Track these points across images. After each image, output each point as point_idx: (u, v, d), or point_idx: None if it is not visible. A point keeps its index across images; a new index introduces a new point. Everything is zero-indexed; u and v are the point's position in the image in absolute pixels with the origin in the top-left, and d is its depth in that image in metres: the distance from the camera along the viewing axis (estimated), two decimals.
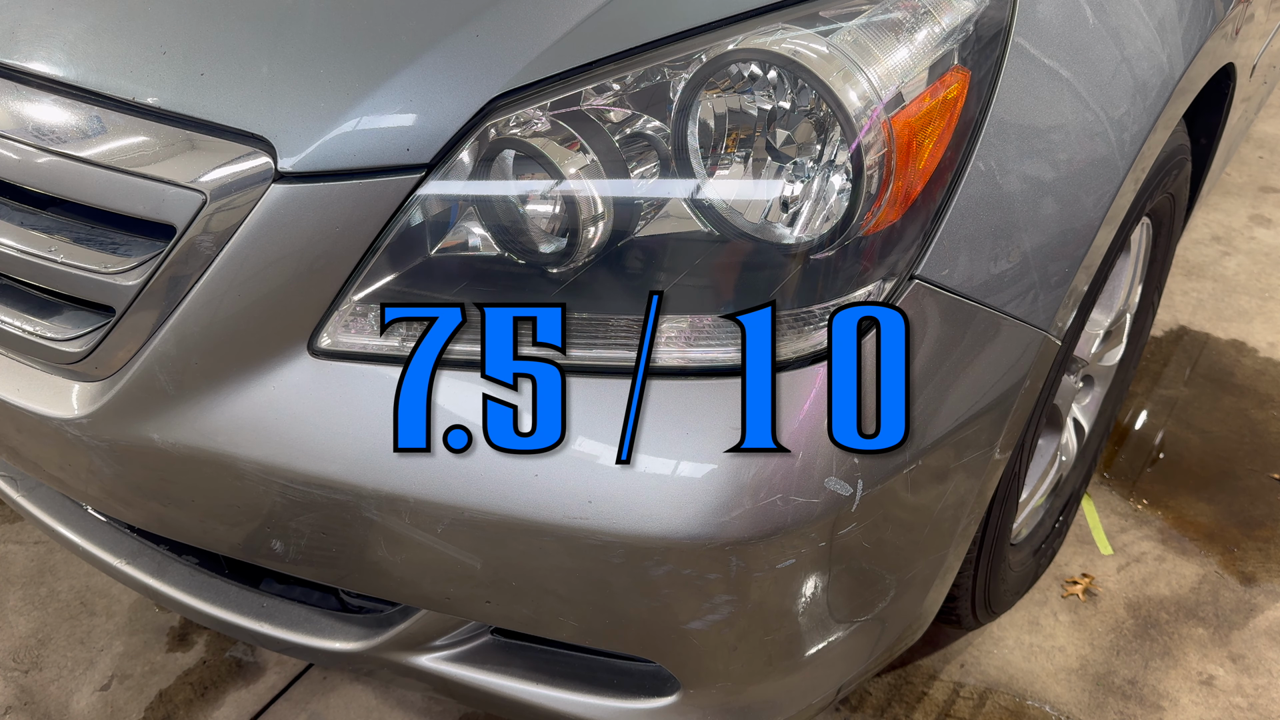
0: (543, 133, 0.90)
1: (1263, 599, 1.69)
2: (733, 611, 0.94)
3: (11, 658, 1.59)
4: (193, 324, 0.94)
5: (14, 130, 0.99)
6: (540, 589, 0.96)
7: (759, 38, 0.89)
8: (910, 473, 0.96)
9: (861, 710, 1.51)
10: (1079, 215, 1.05)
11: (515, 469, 0.89)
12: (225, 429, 0.95)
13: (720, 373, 0.89)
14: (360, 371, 0.93)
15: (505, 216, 0.92)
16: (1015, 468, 1.26)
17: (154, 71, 0.94)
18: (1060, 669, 1.58)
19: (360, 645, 1.13)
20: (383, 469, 0.91)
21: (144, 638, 1.62)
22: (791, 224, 0.90)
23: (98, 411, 1.01)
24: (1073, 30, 1.04)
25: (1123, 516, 1.85)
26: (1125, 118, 1.10)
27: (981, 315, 0.98)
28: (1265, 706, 1.52)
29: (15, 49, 1.00)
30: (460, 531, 0.92)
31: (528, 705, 1.10)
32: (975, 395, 1.00)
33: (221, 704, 1.52)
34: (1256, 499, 1.89)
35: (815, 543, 0.93)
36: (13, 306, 1.07)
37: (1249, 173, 3.10)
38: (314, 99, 0.90)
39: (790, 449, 0.87)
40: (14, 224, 1.03)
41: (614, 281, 0.92)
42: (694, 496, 0.87)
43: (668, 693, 1.05)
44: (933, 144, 0.92)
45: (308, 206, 0.89)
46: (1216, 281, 2.56)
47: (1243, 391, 2.17)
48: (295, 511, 0.97)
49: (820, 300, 0.90)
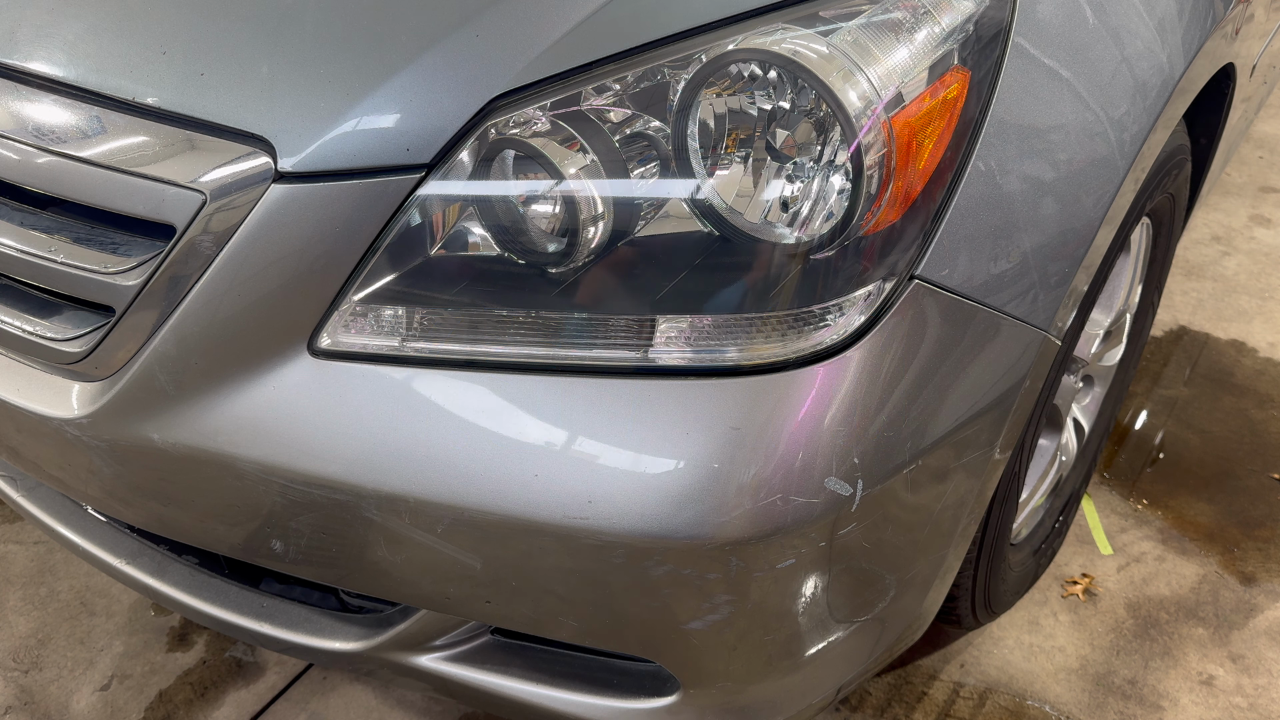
0: (543, 133, 0.90)
1: (1263, 599, 1.69)
2: (732, 611, 0.94)
3: (11, 658, 1.59)
4: (193, 324, 0.94)
5: (14, 130, 0.99)
6: (540, 589, 0.96)
7: (759, 38, 0.89)
8: (910, 473, 0.96)
9: (861, 710, 1.51)
10: (1079, 215, 1.05)
11: (515, 469, 0.89)
12: (225, 429, 0.95)
13: (720, 373, 0.89)
14: (360, 371, 0.93)
15: (505, 216, 0.92)
16: (1015, 468, 1.26)
17: (154, 71, 0.94)
18: (1060, 669, 1.58)
19: (360, 645, 1.13)
20: (383, 469, 0.91)
21: (144, 638, 1.62)
22: (791, 224, 0.90)
23: (97, 411, 1.01)
24: (1073, 30, 1.04)
25: (1123, 516, 1.85)
26: (1125, 118, 1.10)
27: (981, 315, 0.98)
28: (1265, 706, 1.52)
29: (15, 49, 1.00)
30: (460, 531, 0.92)
31: (528, 705, 1.10)
32: (975, 395, 1.00)
33: (221, 704, 1.52)
34: (1256, 499, 1.89)
35: (815, 543, 0.93)
36: (13, 306, 1.07)
37: (1249, 173, 3.10)
38: (314, 99, 0.90)
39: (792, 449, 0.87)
40: (14, 224, 1.03)
41: (614, 281, 0.92)
42: (694, 496, 0.87)
43: (668, 693, 1.05)
44: (933, 144, 0.92)
45: (308, 206, 0.89)
46: (1216, 281, 2.56)
47: (1243, 391, 2.17)
48: (295, 511, 0.97)
49: (820, 300, 0.90)
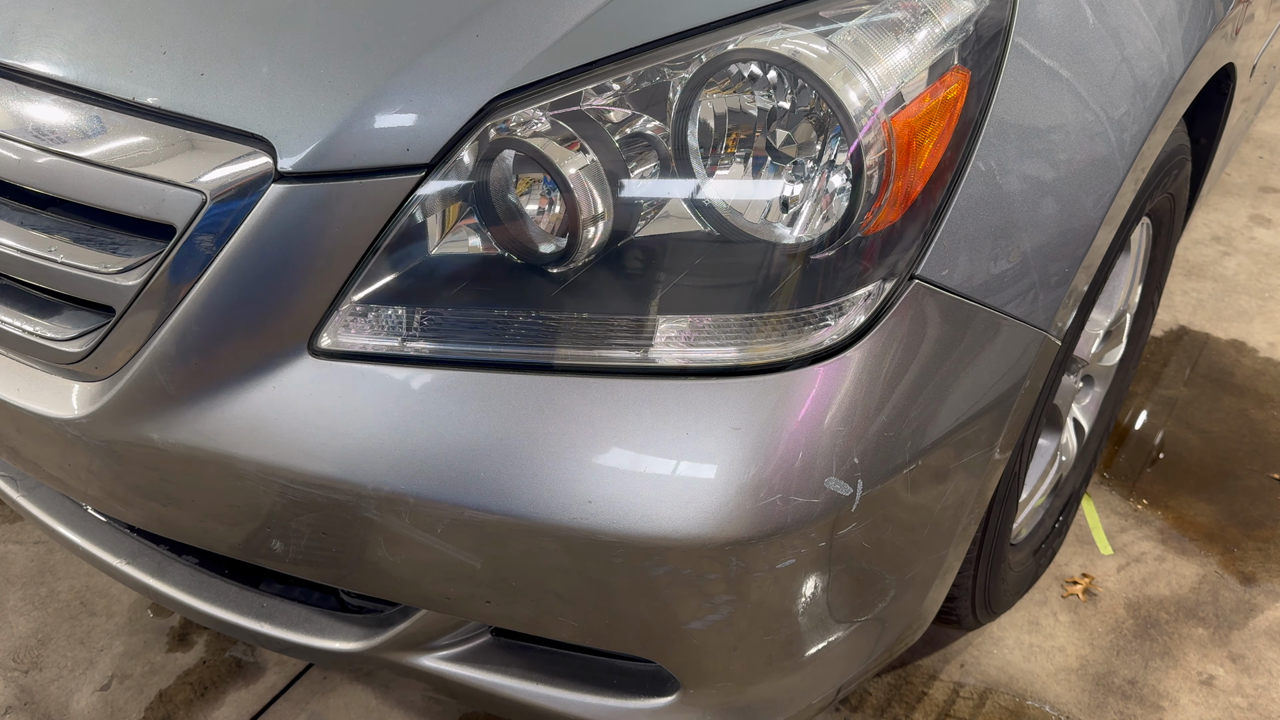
0: (543, 133, 0.90)
1: (1263, 599, 1.69)
2: (733, 611, 0.94)
3: (11, 658, 1.59)
4: (193, 324, 0.94)
5: (14, 130, 0.98)
6: (540, 589, 0.96)
7: (759, 38, 0.89)
8: (910, 473, 0.96)
9: (861, 710, 1.51)
10: (1079, 215, 1.05)
11: (515, 469, 0.89)
12: (225, 429, 0.95)
13: (720, 373, 0.89)
14: (360, 371, 0.93)
15: (505, 216, 0.92)
16: (1015, 468, 1.26)
17: (154, 71, 0.94)
18: (1060, 669, 1.58)
19: (360, 645, 1.13)
20: (383, 469, 0.91)
21: (144, 638, 1.62)
22: (791, 224, 0.90)
23: (98, 412, 1.01)
24: (1073, 30, 1.04)
25: (1123, 516, 1.85)
26: (1125, 118, 1.10)
27: (981, 315, 0.98)
28: (1265, 706, 1.52)
29: (15, 49, 1.00)
30: (460, 531, 0.92)
31: (528, 705, 1.10)
32: (975, 395, 1.00)
33: (221, 704, 1.52)
34: (1256, 499, 1.89)
35: (815, 543, 0.93)
36: (13, 306, 1.07)
37: (1249, 173, 3.10)
38: (314, 99, 0.90)
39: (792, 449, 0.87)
40: (14, 224, 1.02)
41: (614, 281, 0.92)
42: (694, 496, 0.87)
43: (668, 693, 1.05)
44: (933, 144, 0.92)
45: (308, 206, 0.89)
46: (1216, 281, 2.56)
47: (1243, 391, 2.17)
48: (295, 511, 0.97)
49: (820, 300, 0.90)
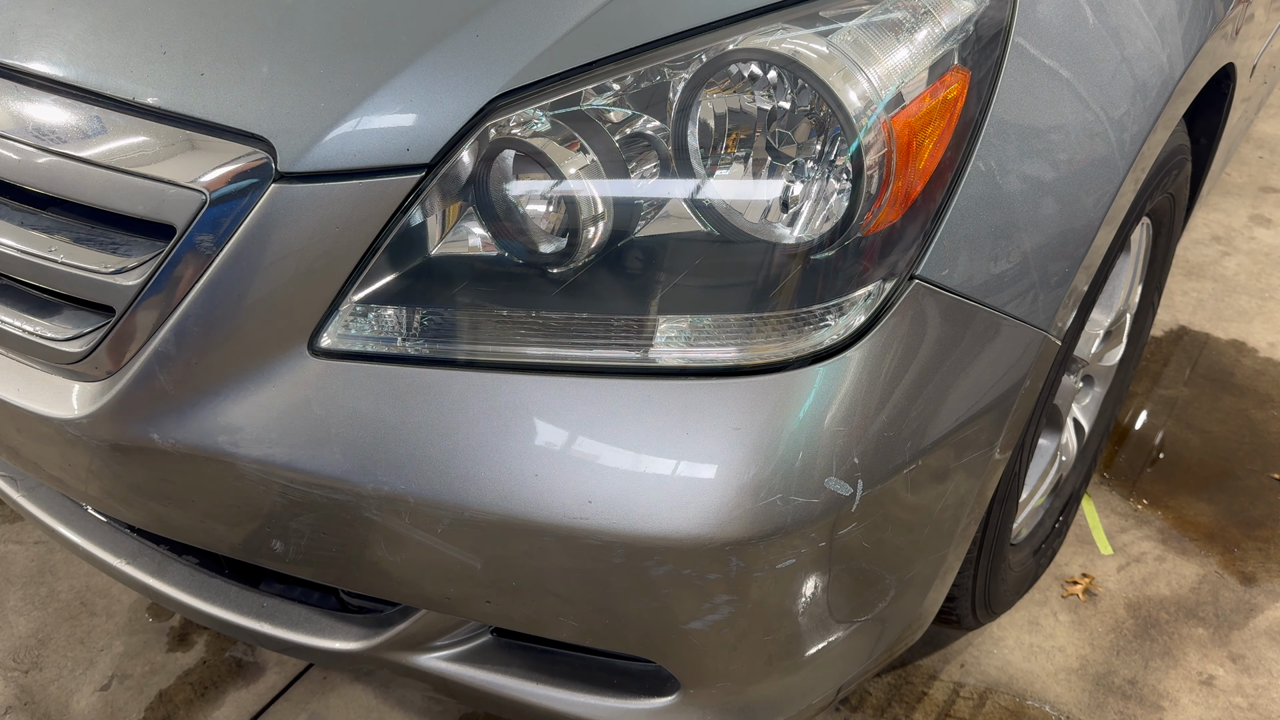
0: (543, 133, 0.90)
1: (1263, 599, 1.69)
2: (733, 611, 0.94)
3: (11, 658, 1.59)
4: (193, 324, 0.94)
5: (14, 130, 0.98)
6: (540, 589, 0.96)
7: (759, 38, 0.89)
8: (910, 473, 0.96)
9: (861, 710, 1.51)
10: (1079, 215, 1.05)
11: (516, 469, 0.89)
12: (225, 429, 0.95)
13: (720, 373, 0.89)
14: (360, 371, 0.93)
15: (505, 216, 0.92)
16: (1015, 468, 1.26)
17: (154, 71, 0.94)
18: (1060, 669, 1.58)
19: (360, 645, 1.13)
20: (383, 469, 0.91)
21: (144, 638, 1.62)
22: (791, 224, 0.90)
23: (98, 411, 1.00)
24: (1073, 30, 1.04)
25: (1123, 516, 1.85)
26: (1125, 118, 1.10)
27: (981, 315, 0.98)
28: (1265, 706, 1.52)
29: (15, 49, 1.00)
30: (460, 531, 0.92)
31: (528, 705, 1.10)
32: (975, 395, 1.00)
33: (221, 704, 1.52)
34: (1256, 499, 1.89)
35: (815, 543, 0.93)
36: (13, 306, 1.07)
37: (1249, 173, 3.10)
38: (314, 99, 0.90)
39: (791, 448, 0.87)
40: (14, 224, 1.02)
41: (614, 281, 0.92)
42: (694, 496, 0.87)
43: (668, 693, 1.05)
44: (933, 144, 0.92)
45: (308, 206, 0.89)
46: (1216, 281, 2.56)
47: (1243, 391, 2.17)
48: (295, 511, 0.97)
49: (820, 300, 0.90)
